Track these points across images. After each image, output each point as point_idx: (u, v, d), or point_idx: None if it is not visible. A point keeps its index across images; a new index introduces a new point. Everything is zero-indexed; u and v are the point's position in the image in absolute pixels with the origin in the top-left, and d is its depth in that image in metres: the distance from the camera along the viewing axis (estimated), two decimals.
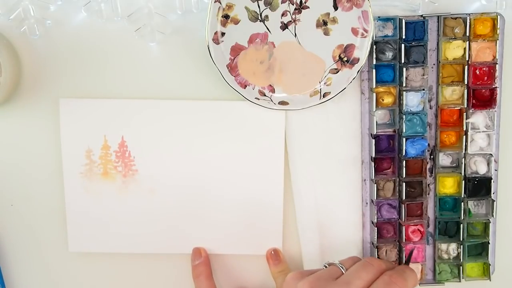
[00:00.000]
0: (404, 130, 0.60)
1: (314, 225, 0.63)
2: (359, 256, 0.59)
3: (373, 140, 0.60)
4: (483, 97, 0.60)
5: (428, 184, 0.62)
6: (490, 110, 0.60)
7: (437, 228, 0.62)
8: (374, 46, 0.59)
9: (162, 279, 0.65)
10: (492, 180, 0.61)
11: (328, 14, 0.59)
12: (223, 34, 0.59)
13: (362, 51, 0.59)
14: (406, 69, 0.59)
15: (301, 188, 0.63)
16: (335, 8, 0.58)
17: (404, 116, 0.59)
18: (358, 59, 0.59)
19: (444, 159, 0.62)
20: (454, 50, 0.59)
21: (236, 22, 0.59)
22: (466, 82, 0.60)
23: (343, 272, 0.54)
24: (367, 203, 0.63)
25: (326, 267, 0.55)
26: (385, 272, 0.53)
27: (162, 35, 0.60)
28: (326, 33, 0.59)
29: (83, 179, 0.62)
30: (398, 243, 0.62)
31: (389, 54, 0.60)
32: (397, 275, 0.53)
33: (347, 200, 0.63)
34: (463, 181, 0.61)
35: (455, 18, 0.59)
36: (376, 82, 0.59)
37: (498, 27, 0.59)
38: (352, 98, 0.62)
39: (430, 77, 0.60)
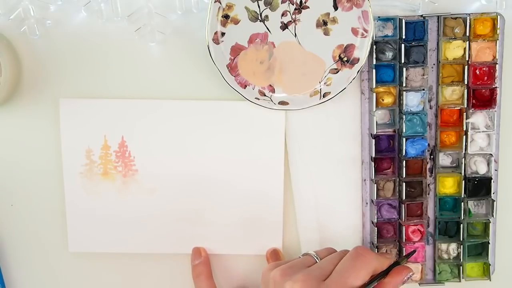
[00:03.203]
0: (404, 130, 0.60)
1: (314, 225, 0.63)
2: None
3: (373, 140, 0.60)
4: (483, 97, 0.60)
5: (428, 184, 0.62)
6: (490, 110, 0.60)
7: (437, 228, 0.62)
8: (374, 46, 0.59)
9: (162, 279, 0.65)
10: (492, 180, 0.61)
11: (328, 14, 0.59)
12: (223, 34, 0.59)
13: (362, 51, 0.59)
14: (406, 69, 0.59)
15: (301, 188, 0.63)
16: (335, 8, 0.59)
17: (404, 116, 0.59)
18: (358, 59, 0.59)
19: (444, 159, 0.62)
20: (454, 50, 0.59)
21: (236, 22, 0.59)
22: (466, 82, 0.60)
23: (317, 261, 0.54)
24: (367, 203, 0.63)
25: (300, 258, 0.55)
26: (353, 248, 0.53)
27: (162, 35, 0.60)
28: (326, 33, 0.59)
29: (83, 179, 0.62)
30: (398, 243, 0.62)
31: (389, 54, 0.60)
32: (364, 248, 0.53)
33: (347, 200, 0.63)
34: (463, 181, 0.61)
35: (455, 18, 0.59)
36: (376, 82, 0.59)
37: (498, 27, 0.59)
38: (352, 98, 0.62)
39: (430, 77, 0.60)
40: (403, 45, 0.58)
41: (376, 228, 0.61)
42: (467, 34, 0.59)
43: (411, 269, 0.54)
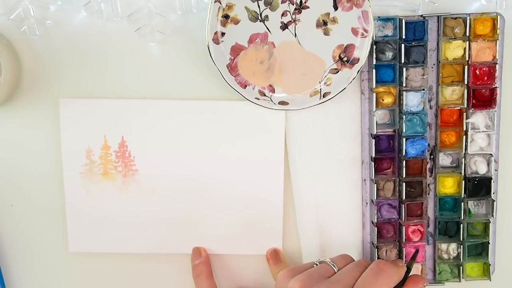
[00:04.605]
0: (404, 130, 0.60)
1: (314, 225, 0.63)
2: (354, 256, 0.58)
3: (373, 140, 0.60)
4: (483, 97, 0.60)
5: (428, 184, 0.62)
6: (490, 110, 0.60)
7: (437, 228, 0.62)
8: (374, 46, 0.59)
9: (162, 279, 0.65)
10: (492, 180, 0.61)
11: (328, 14, 0.59)
12: (223, 34, 0.59)
13: (362, 51, 0.59)
14: (406, 69, 0.59)
15: (301, 188, 0.63)
16: (335, 8, 0.59)
17: (404, 116, 0.59)
18: (358, 59, 0.59)
19: (444, 159, 0.62)
20: (454, 50, 0.59)
21: (236, 22, 0.59)
22: (466, 82, 0.60)
23: (335, 271, 0.54)
24: (367, 203, 0.63)
25: (316, 265, 0.55)
26: (374, 261, 0.53)
27: (162, 35, 0.60)
28: (326, 33, 0.59)
29: (83, 179, 0.62)
30: (398, 243, 0.62)
31: (389, 54, 0.60)
32: (385, 263, 0.53)
33: (347, 200, 0.63)
34: (463, 181, 0.61)
35: (455, 18, 0.59)
36: (376, 82, 0.59)
37: (498, 27, 0.59)
38: (352, 98, 0.62)
39: (430, 77, 0.60)
40: (403, 45, 0.58)
41: (376, 228, 0.61)
42: (467, 34, 0.59)
43: (425, 280, 0.54)
